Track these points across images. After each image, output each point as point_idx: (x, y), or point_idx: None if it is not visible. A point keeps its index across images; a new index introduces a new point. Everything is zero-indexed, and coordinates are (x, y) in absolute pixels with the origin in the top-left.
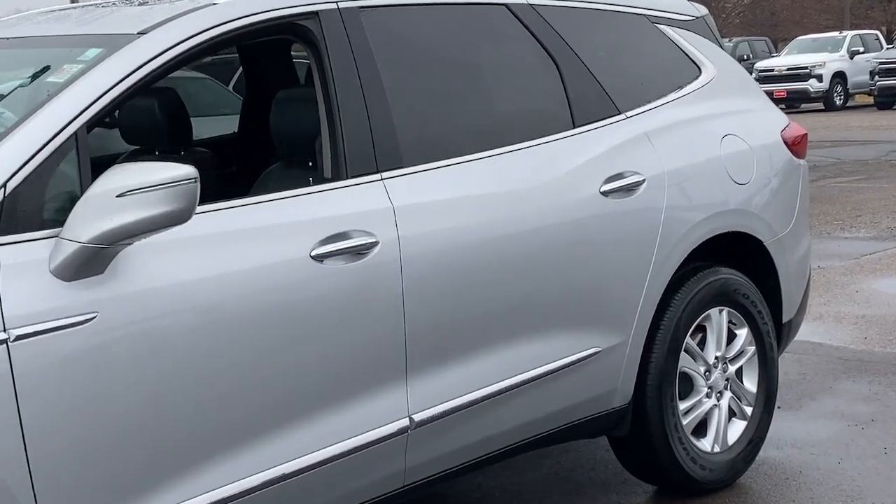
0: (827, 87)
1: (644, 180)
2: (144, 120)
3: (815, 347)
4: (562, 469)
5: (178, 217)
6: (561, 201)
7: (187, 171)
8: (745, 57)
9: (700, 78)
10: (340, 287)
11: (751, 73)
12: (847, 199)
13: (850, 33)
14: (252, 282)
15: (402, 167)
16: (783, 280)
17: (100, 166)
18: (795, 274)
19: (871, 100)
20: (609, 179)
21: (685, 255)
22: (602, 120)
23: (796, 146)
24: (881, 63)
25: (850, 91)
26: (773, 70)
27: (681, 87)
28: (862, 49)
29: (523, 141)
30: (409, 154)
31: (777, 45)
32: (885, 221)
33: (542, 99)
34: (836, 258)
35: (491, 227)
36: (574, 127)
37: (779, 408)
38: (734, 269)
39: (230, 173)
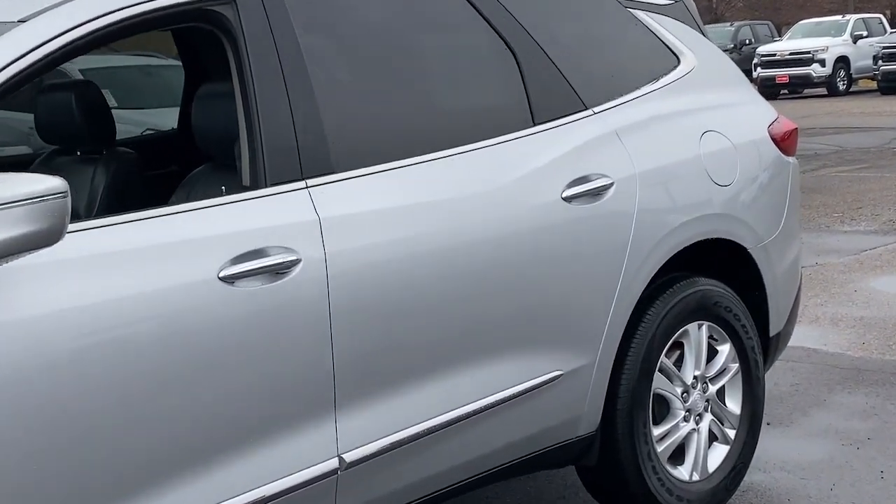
0: (830, 71)
1: (612, 183)
2: (61, 117)
3: (810, 354)
4: (530, 496)
5: (44, 238)
6: (517, 209)
7: (54, 184)
8: (748, 41)
9: (678, 68)
10: (256, 312)
11: (753, 58)
12: (848, 189)
13: (853, 17)
14: (148, 308)
15: (331, 173)
16: (770, 290)
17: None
18: (784, 283)
19: (874, 85)
20: (573, 183)
21: (660, 266)
22: (566, 116)
23: (785, 143)
24: (885, 47)
25: (854, 76)
26: (775, 55)
27: (656, 79)
28: (865, 33)
29: (474, 141)
30: (339, 158)
31: (780, 29)
32: (887, 214)
33: (496, 93)
34: (835, 254)
35: (435, 239)
36: (533, 124)
37: (767, 424)
38: (715, 279)
39: (169, 173)
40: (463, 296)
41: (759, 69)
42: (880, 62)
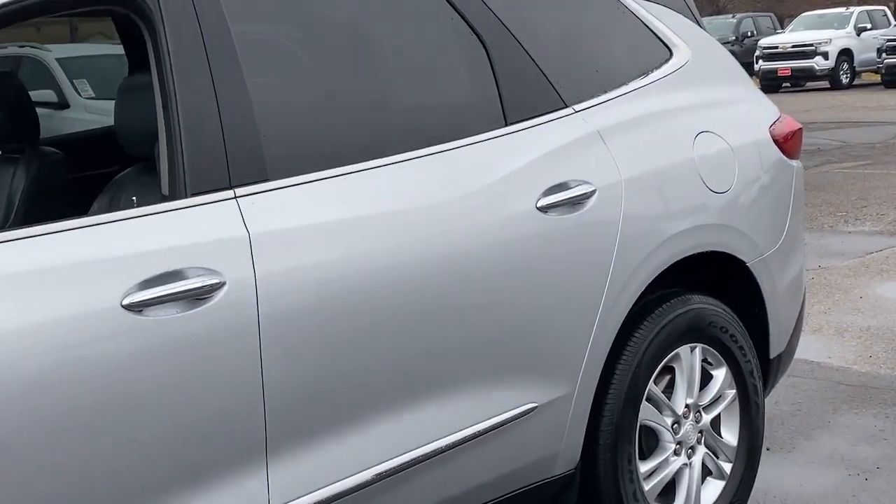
0: (833, 64)
1: (594, 191)
2: None
3: (813, 368)
4: None
5: None
6: (485, 220)
7: None
8: (750, 33)
9: (670, 62)
10: (167, 344)
11: (755, 50)
12: (852, 186)
13: (857, 9)
14: (41, 341)
15: (265, 181)
16: (771, 307)
17: None
18: (786, 299)
19: (878, 78)
20: (549, 191)
21: (648, 282)
22: (542, 115)
23: (788, 144)
24: (889, 40)
25: (857, 69)
26: (777, 47)
27: (646, 74)
28: (869, 25)
29: (436, 144)
30: (276, 163)
31: (783, 21)
32: (893, 213)
33: (462, 89)
34: (839, 257)
35: (388, 257)
36: (506, 124)
37: (767, 449)
38: (710, 296)
39: (105, 174)
40: (420, 321)
41: (760, 62)
42: (884, 55)
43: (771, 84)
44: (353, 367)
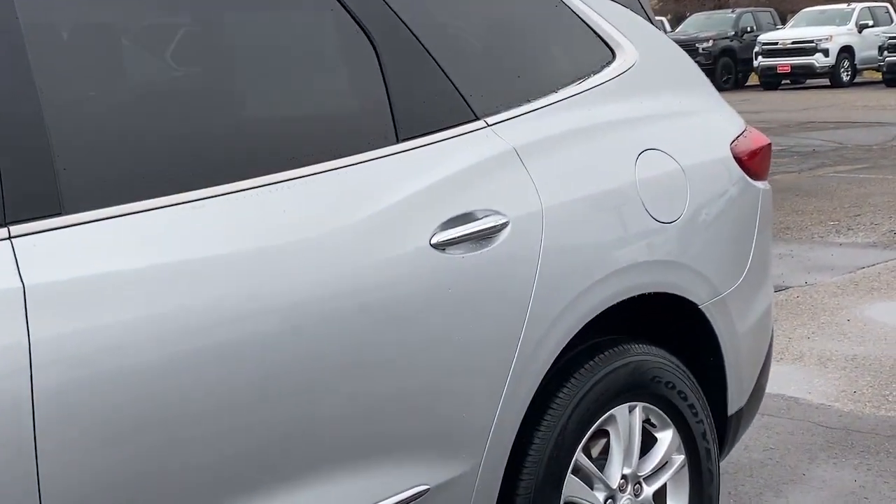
0: (833, 62)
1: (507, 223)
2: None
3: (791, 406)
4: None
5: None
6: (362, 261)
7: None
8: (749, 29)
9: (613, 65)
10: None
11: (754, 46)
12: (846, 192)
13: (858, 5)
14: None
15: (55, 215)
16: (729, 356)
17: None
18: (748, 345)
19: (879, 76)
20: (448, 224)
21: (575, 331)
22: (446, 130)
23: (754, 163)
24: (891, 38)
25: (858, 67)
26: (777, 43)
27: (581, 79)
28: (871, 22)
29: (301, 166)
30: (74, 193)
31: (785, 17)
32: (887, 223)
33: (341, 97)
34: (828, 271)
35: (226, 312)
36: (397, 141)
37: None
38: (654, 344)
39: None
40: (268, 391)
41: (759, 58)
42: (886, 53)
43: (770, 81)
44: (172, 456)
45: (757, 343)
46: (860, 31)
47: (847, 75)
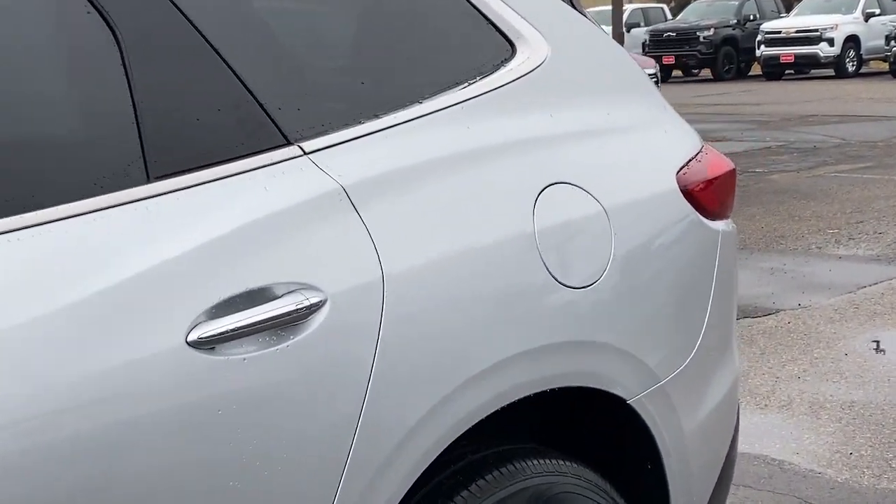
0: (838, 51)
1: (323, 301)
2: None
3: (773, 473)
4: None
5: None
6: (77, 369)
7: None
8: (752, 17)
9: (511, 63)
10: None
11: (757, 35)
12: (848, 195)
13: None
14: None
15: None
16: (672, 464)
17: None
18: (699, 447)
19: (886, 67)
20: (221, 308)
21: (435, 455)
22: (234, 161)
23: (709, 195)
24: None
25: (864, 57)
26: (780, 32)
27: (460, 84)
28: (878, 11)
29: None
30: None
31: (789, 4)
32: (892, 232)
33: (58, 118)
34: (825, 291)
35: None
36: (148, 181)
37: None
38: (567, 455)
39: None
40: None
41: (762, 47)
42: (893, 42)
43: (773, 71)
44: None
45: (712, 443)
46: (866, 20)
47: (852, 65)
